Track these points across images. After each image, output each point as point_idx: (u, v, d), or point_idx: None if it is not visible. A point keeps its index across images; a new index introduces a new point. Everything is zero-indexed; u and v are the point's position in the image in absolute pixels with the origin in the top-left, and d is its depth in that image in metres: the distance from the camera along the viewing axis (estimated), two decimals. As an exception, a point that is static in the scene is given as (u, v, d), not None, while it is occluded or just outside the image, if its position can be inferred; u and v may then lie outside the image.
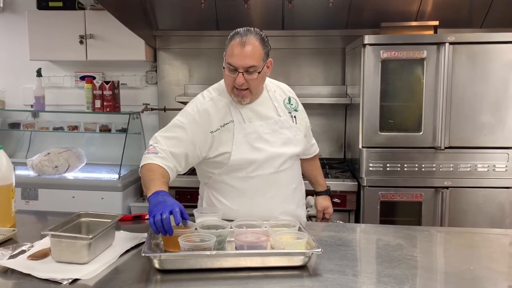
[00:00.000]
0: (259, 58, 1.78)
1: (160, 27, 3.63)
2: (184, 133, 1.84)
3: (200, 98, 1.94)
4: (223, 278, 1.37)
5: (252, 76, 1.78)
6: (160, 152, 1.79)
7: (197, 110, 1.88)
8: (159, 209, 1.47)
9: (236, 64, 1.76)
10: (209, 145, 1.86)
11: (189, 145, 1.84)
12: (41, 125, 3.70)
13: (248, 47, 1.75)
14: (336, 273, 1.41)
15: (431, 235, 1.91)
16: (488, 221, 2.81)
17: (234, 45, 1.77)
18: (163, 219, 1.43)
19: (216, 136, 1.86)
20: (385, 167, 2.85)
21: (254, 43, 1.76)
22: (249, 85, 1.80)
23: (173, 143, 1.82)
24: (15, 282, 1.35)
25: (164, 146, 1.81)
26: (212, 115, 1.87)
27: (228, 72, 1.80)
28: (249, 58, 1.75)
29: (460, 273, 1.46)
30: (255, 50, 1.76)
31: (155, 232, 1.47)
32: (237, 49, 1.75)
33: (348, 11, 3.36)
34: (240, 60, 1.75)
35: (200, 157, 1.88)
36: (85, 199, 3.18)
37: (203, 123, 1.86)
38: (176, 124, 1.88)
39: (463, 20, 3.37)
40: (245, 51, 1.75)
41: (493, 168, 2.80)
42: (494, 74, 2.77)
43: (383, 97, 2.82)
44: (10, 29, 3.82)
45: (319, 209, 2.26)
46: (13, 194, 1.82)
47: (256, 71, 1.78)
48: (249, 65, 1.76)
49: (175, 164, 1.81)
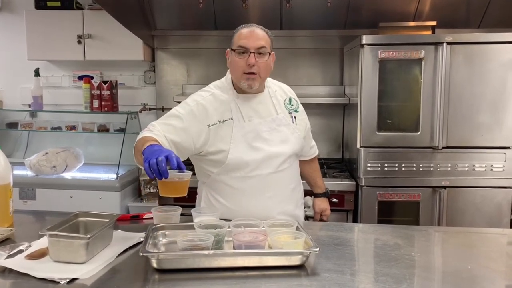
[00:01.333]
0: (268, 41, 1.87)
1: (158, 27, 3.63)
2: (179, 122, 1.85)
3: (201, 92, 1.97)
4: (221, 278, 1.37)
5: (263, 59, 1.84)
6: (155, 131, 1.81)
7: (196, 102, 1.90)
8: (155, 154, 1.48)
9: (247, 44, 1.82)
10: (205, 139, 1.86)
11: (182, 134, 1.84)
12: (39, 125, 3.70)
13: (257, 31, 1.86)
14: (334, 272, 1.41)
15: (429, 234, 1.92)
16: (486, 220, 2.82)
17: (242, 31, 1.86)
18: (158, 162, 1.44)
19: (213, 130, 1.86)
20: (383, 167, 2.85)
21: (261, 31, 1.87)
22: (259, 69, 1.84)
23: (167, 129, 1.83)
24: (12, 282, 1.34)
25: (158, 130, 1.82)
26: (211, 110, 1.89)
27: (238, 56, 1.84)
28: (260, 39, 1.84)
29: (457, 272, 1.46)
30: (264, 34, 1.87)
31: (150, 177, 1.47)
32: (247, 33, 1.84)
33: (346, 11, 3.36)
34: (252, 41, 1.82)
35: (193, 148, 1.87)
36: (83, 199, 3.19)
37: (200, 115, 1.87)
38: (174, 113, 1.90)
39: (461, 20, 3.38)
40: (256, 33, 1.85)
41: (490, 168, 2.81)
42: (492, 74, 2.78)
43: (381, 97, 2.83)
44: (8, 28, 3.82)
45: (317, 211, 2.26)
46: (10, 194, 1.82)
47: (267, 51, 1.85)
48: (260, 45, 1.83)
49: (168, 146, 1.80)
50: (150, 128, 1.84)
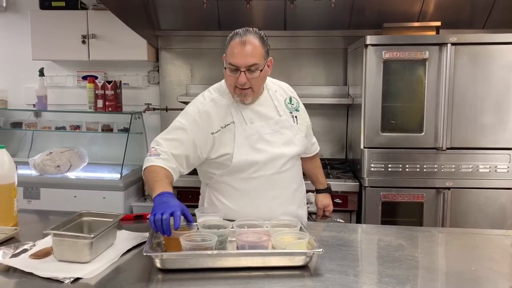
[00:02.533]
0: (260, 56, 1.78)
1: (163, 27, 3.64)
2: (184, 135, 1.84)
3: (201, 98, 1.94)
4: (224, 278, 1.37)
5: (254, 75, 1.79)
6: (162, 154, 1.79)
7: (198, 111, 1.88)
8: (161, 208, 1.48)
9: (237, 63, 1.76)
10: (210, 146, 1.86)
11: (190, 147, 1.83)
12: (43, 124, 3.71)
13: (248, 46, 1.75)
14: (337, 273, 1.41)
15: (433, 235, 1.91)
16: (490, 222, 2.81)
17: (234, 45, 1.77)
18: (162, 219, 1.43)
19: (217, 138, 1.86)
20: (386, 167, 2.85)
21: (254, 42, 1.77)
22: (251, 84, 1.80)
23: (174, 145, 1.82)
24: (17, 281, 1.35)
25: (165, 148, 1.80)
26: (213, 116, 1.87)
27: (230, 72, 1.80)
28: (250, 56, 1.76)
29: (461, 273, 1.46)
30: (256, 48, 1.77)
31: (154, 230, 1.48)
32: (238, 49, 1.76)
33: (350, 12, 3.36)
34: (242, 59, 1.75)
35: (201, 158, 1.87)
36: (87, 198, 3.19)
37: (203, 124, 1.86)
38: (177, 126, 1.87)
39: (465, 21, 3.37)
40: (246, 50, 1.75)
41: (494, 169, 2.80)
42: (496, 75, 2.77)
43: (385, 98, 2.82)
44: (13, 28, 3.83)
45: (320, 207, 2.27)
46: (15, 193, 1.83)
47: (258, 69, 1.78)
48: (251, 63, 1.76)
49: (177, 165, 1.81)
50: (156, 148, 1.81)
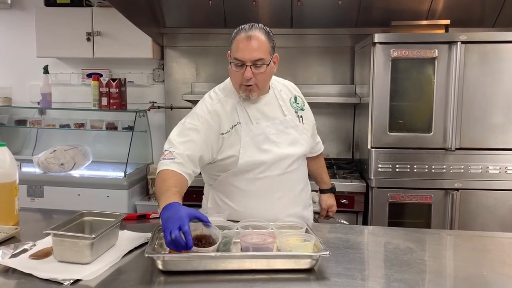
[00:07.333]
0: (266, 51, 1.76)
1: (168, 24, 3.62)
2: (198, 136, 1.79)
3: (208, 99, 1.90)
4: (227, 281, 1.34)
5: (260, 70, 1.76)
6: (177, 157, 1.71)
7: (208, 111, 1.84)
8: (168, 226, 1.37)
9: (243, 57, 1.73)
10: (219, 147, 1.83)
11: (204, 147, 1.79)
12: (47, 122, 3.71)
13: (254, 40, 1.73)
14: (344, 277, 1.38)
15: (441, 238, 1.87)
16: (499, 224, 2.76)
17: (239, 40, 1.74)
18: (173, 239, 1.33)
19: (225, 139, 1.83)
20: (394, 168, 2.81)
21: (260, 37, 1.74)
22: (256, 80, 1.77)
23: (189, 147, 1.76)
24: (16, 282, 1.33)
25: (180, 150, 1.74)
26: (222, 117, 1.84)
27: (235, 68, 1.77)
28: (256, 51, 1.73)
29: (471, 278, 1.43)
30: (262, 43, 1.74)
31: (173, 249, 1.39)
32: (244, 43, 1.73)
33: (358, 9, 3.32)
34: (248, 54, 1.73)
35: (211, 158, 1.84)
36: (91, 197, 3.18)
37: (215, 124, 1.82)
38: (189, 127, 1.81)
39: (474, 19, 3.32)
40: (251, 45, 1.73)
41: (504, 170, 2.75)
42: (507, 74, 2.72)
43: (392, 97, 2.78)
44: (18, 26, 3.82)
45: (324, 207, 2.25)
46: (16, 192, 1.81)
47: (264, 63, 1.76)
48: (256, 58, 1.73)
49: (193, 168, 1.75)
50: (170, 151, 1.73)
